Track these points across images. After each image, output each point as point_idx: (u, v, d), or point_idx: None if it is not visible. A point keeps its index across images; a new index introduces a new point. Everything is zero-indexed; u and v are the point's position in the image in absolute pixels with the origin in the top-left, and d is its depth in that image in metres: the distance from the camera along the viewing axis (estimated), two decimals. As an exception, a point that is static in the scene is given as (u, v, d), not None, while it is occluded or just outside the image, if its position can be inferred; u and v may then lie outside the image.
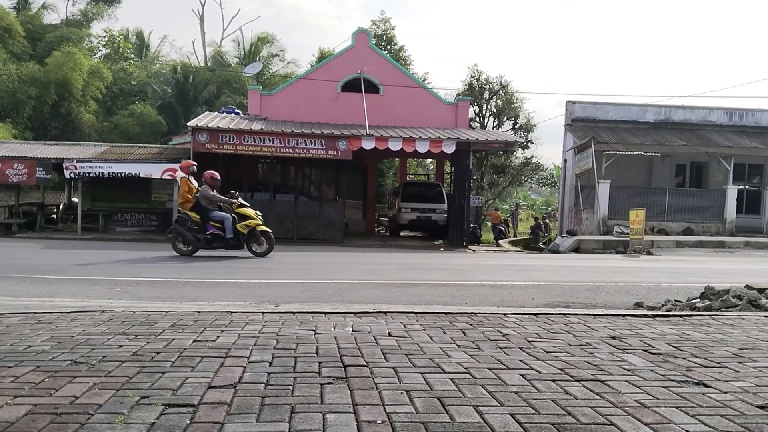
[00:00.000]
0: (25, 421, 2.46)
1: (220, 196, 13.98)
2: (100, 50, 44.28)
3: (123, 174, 20.67)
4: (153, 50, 49.06)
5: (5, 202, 24.21)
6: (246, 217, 13.83)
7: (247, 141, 20.06)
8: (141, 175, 20.84)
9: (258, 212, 14.30)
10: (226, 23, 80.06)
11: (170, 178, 20.78)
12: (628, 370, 3.50)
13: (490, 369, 3.46)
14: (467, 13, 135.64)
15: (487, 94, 33.02)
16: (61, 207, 24.13)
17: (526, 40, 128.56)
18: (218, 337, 4.20)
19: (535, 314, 5.48)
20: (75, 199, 23.06)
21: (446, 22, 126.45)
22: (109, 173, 20.57)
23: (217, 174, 14.14)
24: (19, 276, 9.23)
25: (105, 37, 44.64)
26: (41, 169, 21.04)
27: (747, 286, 7.19)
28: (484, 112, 33.27)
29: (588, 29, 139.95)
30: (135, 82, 40.18)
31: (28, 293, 7.44)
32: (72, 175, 20.74)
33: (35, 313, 5.15)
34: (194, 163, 14.72)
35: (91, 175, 20.74)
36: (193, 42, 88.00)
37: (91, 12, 42.16)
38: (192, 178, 14.22)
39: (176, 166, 20.57)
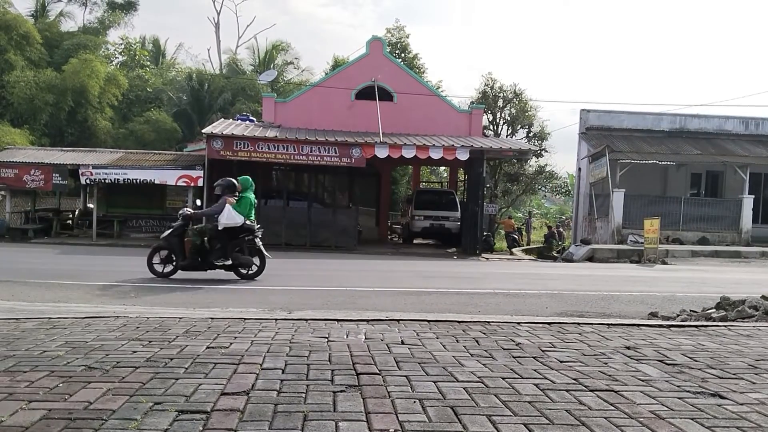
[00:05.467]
0: (39, 426, 2.47)
1: None
2: (116, 57, 44.62)
3: (138, 180, 20.82)
4: (169, 58, 49.43)
5: (22, 208, 24.39)
6: None
7: (262, 148, 20.14)
8: (156, 182, 20.98)
9: None
10: (242, 31, 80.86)
11: (185, 184, 20.90)
12: (642, 381, 3.48)
13: (503, 378, 3.45)
14: (482, 21, 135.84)
15: (500, 102, 32.94)
16: (76, 213, 24.30)
17: (542, 49, 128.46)
18: (231, 343, 4.21)
19: (549, 323, 5.45)
20: (90, 205, 23.22)
21: (461, 31, 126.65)
22: (124, 179, 20.73)
23: None
24: (34, 281, 9.31)
25: (121, 44, 44.97)
26: (57, 175, 21.21)
27: (763, 297, 7.13)
28: (497, 120, 33.21)
29: (603, 39, 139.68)
30: (151, 90, 40.43)
31: (44, 298, 7.50)
32: (88, 181, 20.91)
33: (50, 318, 5.18)
34: None
35: (106, 181, 20.90)
36: (208, 50, 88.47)
37: (108, 20, 42.51)
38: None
39: (191, 172, 20.72)
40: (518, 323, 5.43)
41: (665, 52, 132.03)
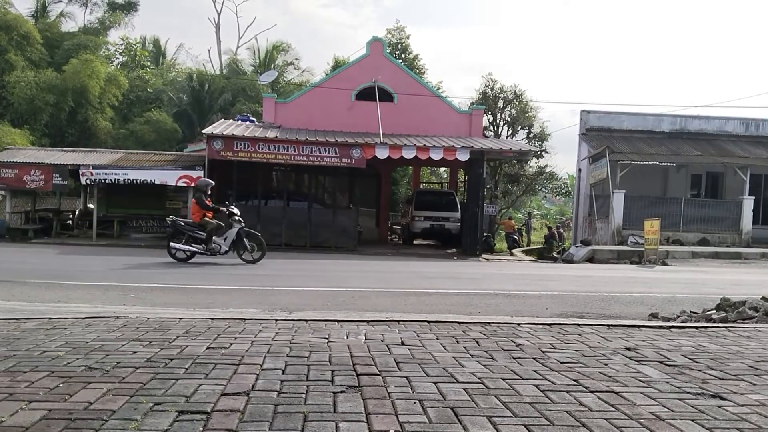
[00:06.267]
0: (39, 426, 2.47)
1: None
2: (117, 58, 44.65)
3: (138, 181, 20.82)
4: (169, 58, 49.46)
5: (22, 208, 24.38)
6: None
7: (262, 148, 20.14)
8: (156, 182, 20.98)
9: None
10: (242, 32, 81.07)
11: (185, 185, 20.90)
12: (643, 382, 3.47)
13: (503, 379, 3.44)
14: (483, 22, 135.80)
15: (501, 103, 32.97)
16: (76, 213, 24.30)
17: (542, 50, 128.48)
18: (231, 344, 4.20)
19: (549, 324, 5.45)
20: (90, 206, 23.25)
21: (461, 32, 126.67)
22: (124, 180, 20.74)
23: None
24: (34, 281, 9.31)
25: (122, 44, 45.01)
26: (58, 175, 21.22)
27: (763, 298, 7.12)
28: (498, 121, 33.23)
29: (603, 39, 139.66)
30: (151, 90, 40.44)
31: (44, 299, 7.50)
32: (88, 181, 20.91)
33: (50, 318, 5.18)
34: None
35: (106, 181, 20.90)
36: (208, 50, 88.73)
37: (108, 20, 42.55)
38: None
39: (191, 173, 20.71)
40: (518, 324, 5.43)
41: (666, 53, 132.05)
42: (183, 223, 13.93)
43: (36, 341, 4.16)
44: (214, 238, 13.70)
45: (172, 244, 13.74)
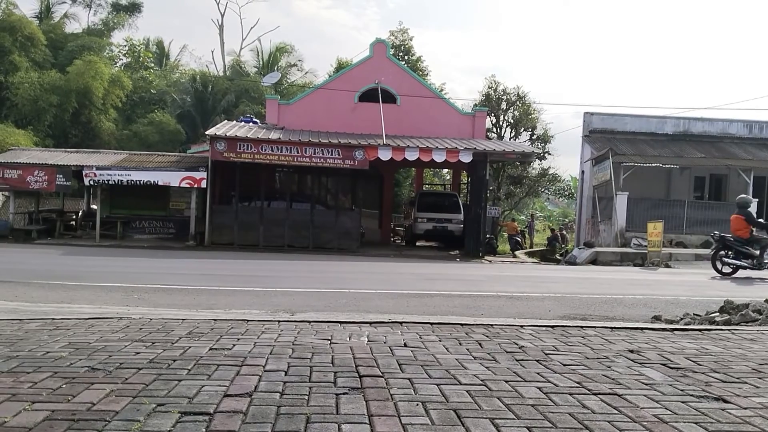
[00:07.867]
0: (42, 426, 2.48)
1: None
2: (120, 59, 44.78)
3: (141, 182, 20.85)
4: (173, 59, 49.58)
5: (25, 209, 24.43)
6: None
7: (265, 150, 20.15)
8: (159, 183, 21.01)
9: None
10: (245, 33, 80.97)
11: (188, 186, 20.93)
12: (646, 385, 3.47)
13: (506, 381, 3.44)
14: (485, 24, 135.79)
15: (504, 105, 32.92)
16: (80, 214, 24.34)
17: (545, 52, 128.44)
18: (234, 345, 4.21)
19: (552, 326, 5.44)
20: (94, 206, 23.26)
21: (464, 33, 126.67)
22: (127, 181, 20.77)
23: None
24: (37, 282, 9.32)
25: (125, 46, 45.17)
26: (61, 176, 21.26)
27: (767, 300, 7.10)
28: (501, 123, 33.17)
29: (607, 41, 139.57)
30: (154, 91, 40.54)
31: (47, 299, 7.50)
32: (91, 182, 20.95)
33: (53, 319, 5.18)
34: None
35: (110, 182, 20.93)
36: (212, 51, 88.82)
37: (112, 21, 42.64)
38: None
39: (194, 174, 20.74)
40: (521, 326, 5.42)
41: (669, 55, 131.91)
42: (732, 239, 14.76)
43: (39, 342, 4.17)
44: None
45: (723, 258, 14.61)
